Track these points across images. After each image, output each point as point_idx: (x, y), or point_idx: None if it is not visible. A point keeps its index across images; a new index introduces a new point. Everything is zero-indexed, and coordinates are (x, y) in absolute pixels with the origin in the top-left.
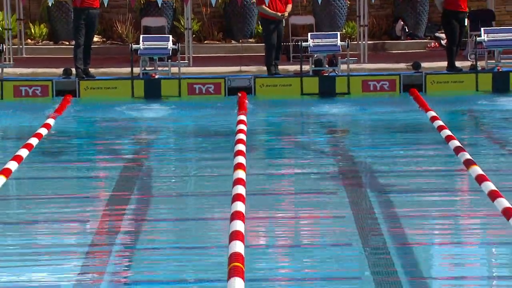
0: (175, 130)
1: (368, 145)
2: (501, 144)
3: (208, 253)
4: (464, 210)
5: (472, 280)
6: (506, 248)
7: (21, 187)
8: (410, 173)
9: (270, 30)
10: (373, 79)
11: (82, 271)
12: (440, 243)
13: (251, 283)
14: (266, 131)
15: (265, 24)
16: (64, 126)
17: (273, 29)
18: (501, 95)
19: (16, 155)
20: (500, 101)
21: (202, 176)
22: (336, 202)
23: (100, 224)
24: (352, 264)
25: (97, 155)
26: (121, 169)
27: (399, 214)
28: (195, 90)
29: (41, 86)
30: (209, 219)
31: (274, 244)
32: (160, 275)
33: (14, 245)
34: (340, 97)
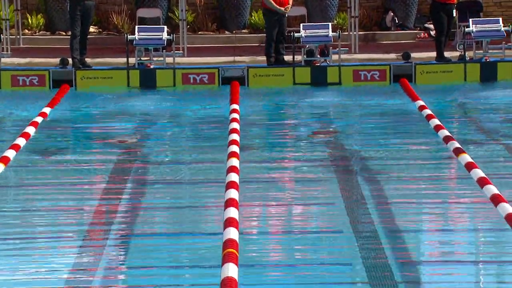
0: (169, 119)
1: (359, 134)
2: (488, 133)
3: (202, 240)
4: (453, 197)
5: (460, 264)
6: (494, 234)
7: (18, 174)
8: (400, 161)
9: (272, 23)
10: (364, 69)
11: (78, 257)
12: (430, 229)
13: (244, 268)
14: (259, 120)
15: (268, 16)
16: (60, 115)
17: (275, 21)
18: (488, 84)
19: (14, 144)
20: (487, 91)
21: (197, 164)
22: (327, 190)
23: (96, 211)
24: (343, 250)
25: (93, 144)
26: (116, 157)
27: (389, 201)
28: (190, 80)
29: (38, 76)
30: (203, 206)
31: (267, 230)
32: (155, 261)
33: (12, 232)
34: (331, 86)
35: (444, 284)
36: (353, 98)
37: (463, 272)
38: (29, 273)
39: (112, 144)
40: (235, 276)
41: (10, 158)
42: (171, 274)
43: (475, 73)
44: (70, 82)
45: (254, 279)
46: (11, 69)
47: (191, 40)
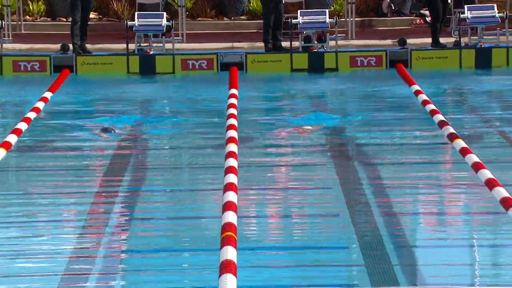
0: (169, 104)
1: (356, 119)
2: (483, 118)
3: (201, 223)
4: (448, 181)
5: (455, 247)
6: (488, 217)
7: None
8: (396, 145)
9: (270, 9)
10: (360, 55)
11: (79, 240)
12: (425, 213)
13: (243, 251)
14: (257, 105)
15: (265, 2)
16: (61, 101)
17: (273, 8)
18: (483, 70)
19: (15, 128)
20: (482, 76)
21: (196, 149)
22: (324, 174)
23: (97, 195)
24: (340, 234)
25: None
26: (116, 143)
27: (385, 185)
28: (189, 65)
29: (39, 62)
30: (202, 190)
31: (265, 214)
32: (155, 244)
33: (14, 215)
34: (328, 72)
35: (439, 267)
36: (349, 84)
37: (458, 255)
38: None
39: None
40: (234, 258)
41: (11, 143)
42: (170, 256)
43: (470, 59)
44: (71, 68)
45: (253, 261)
46: (12, 54)
47: (190, 26)
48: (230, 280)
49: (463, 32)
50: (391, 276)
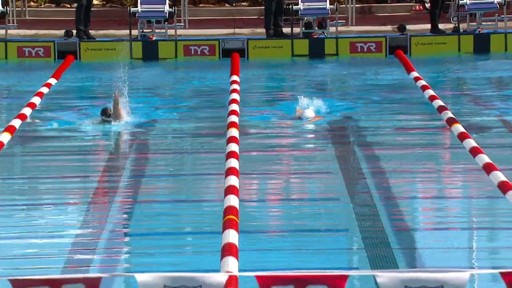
0: (171, 90)
1: (356, 104)
2: (481, 103)
3: (204, 207)
4: (447, 165)
5: (453, 231)
6: (485, 201)
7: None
8: (396, 131)
9: None
10: (360, 41)
11: (83, 223)
12: (424, 197)
13: (244, 234)
14: (258, 91)
15: None
16: (65, 86)
17: None
18: (481, 56)
19: (20, 114)
20: (480, 62)
21: (198, 134)
22: (325, 158)
23: (101, 179)
24: (340, 217)
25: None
26: (120, 128)
27: (385, 169)
28: (191, 51)
29: (43, 47)
30: (205, 174)
31: (266, 198)
32: (158, 227)
33: (19, 198)
34: (329, 58)
35: (438, 250)
36: (349, 69)
37: (456, 238)
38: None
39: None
40: (236, 242)
41: (16, 127)
42: (173, 239)
43: (469, 44)
44: (75, 53)
45: (254, 245)
46: (17, 40)
47: (193, 13)
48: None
49: (461, 18)
50: (390, 259)
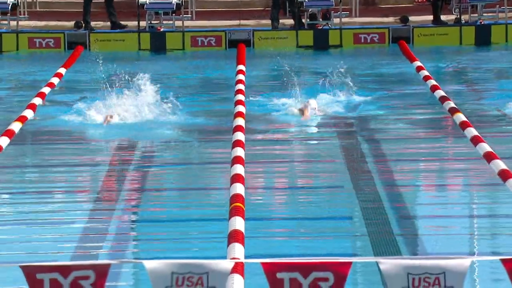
0: (178, 80)
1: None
2: (482, 93)
3: (211, 194)
4: (448, 154)
5: (454, 219)
6: (486, 190)
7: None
8: (398, 120)
9: None
10: (364, 32)
11: (93, 210)
12: (426, 185)
13: (250, 221)
14: (264, 81)
15: None
16: (74, 76)
17: None
18: (483, 47)
19: (30, 103)
20: (482, 53)
21: (205, 123)
22: (329, 148)
23: (110, 167)
24: (344, 205)
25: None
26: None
27: (388, 158)
28: (198, 42)
29: (54, 38)
30: (211, 163)
31: (271, 186)
32: (166, 214)
33: (31, 186)
34: (333, 49)
35: (440, 237)
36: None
37: (457, 226)
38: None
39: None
40: (242, 229)
41: (27, 117)
42: (181, 227)
43: (470, 35)
44: (84, 44)
45: (260, 232)
46: (28, 31)
47: (200, 4)
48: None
49: (463, 10)
50: (393, 245)
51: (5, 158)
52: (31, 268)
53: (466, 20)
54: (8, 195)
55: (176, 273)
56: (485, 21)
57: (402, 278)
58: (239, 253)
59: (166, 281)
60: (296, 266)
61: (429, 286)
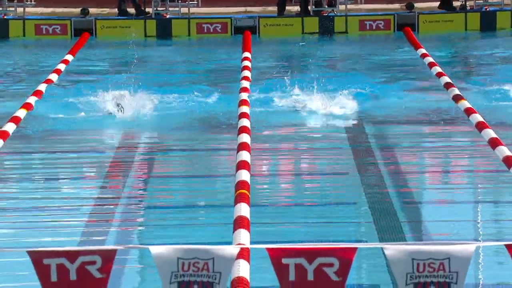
0: (184, 66)
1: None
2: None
3: (216, 181)
4: (453, 140)
5: (459, 204)
6: (491, 175)
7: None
8: (403, 106)
9: None
10: (369, 18)
11: (100, 196)
12: (430, 171)
13: (255, 208)
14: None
15: None
16: (81, 63)
17: None
18: (488, 33)
19: (36, 90)
20: (487, 39)
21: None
22: (334, 134)
23: (116, 154)
24: (349, 191)
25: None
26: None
27: (392, 144)
28: (204, 29)
29: (60, 25)
30: (217, 149)
31: (277, 172)
32: (173, 201)
33: (38, 173)
34: (338, 35)
35: (444, 223)
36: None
37: (462, 211)
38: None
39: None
40: (247, 215)
41: (32, 105)
42: (187, 213)
43: (475, 22)
44: (91, 31)
45: (265, 218)
46: (35, 18)
47: None
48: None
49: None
50: (398, 232)
51: (12, 145)
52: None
53: (472, 6)
54: (15, 181)
55: (182, 259)
56: (490, 8)
57: (407, 263)
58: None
59: (172, 266)
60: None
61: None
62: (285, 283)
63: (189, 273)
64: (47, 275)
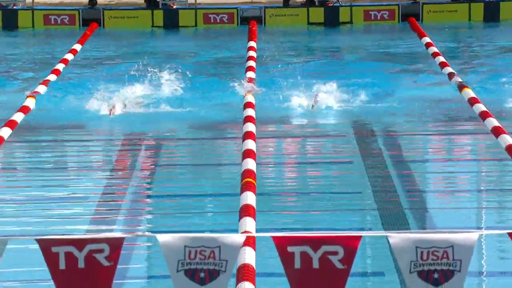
0: (191, 56)
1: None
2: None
3: (223, 170)
4: (456, 129)
5: (462, 193)
6: (494, 164)
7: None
8: (407, 96)
9: None
10: (374, 9)
11: (108, 185)
12: (434, 160)
13: (261, 196)
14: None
15: None
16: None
17: None
18: (491, 24)
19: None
20: (490, 29)
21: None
22: (339, 123)
23: (123, 144)
24: (353, 180)
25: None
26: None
27: (396, 133)
28: (210, 19)
29: (68, 15)
30: (223, 139)
31: (282, 161)
32: (180, 189)
33: (47, 161)
34: (343, 25)
35: (448, 211)
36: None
37: (465, 200)
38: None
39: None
40: (253, 203)
41: (41, 93)
42: (193, 201)
43: (479, 12)
44: (99, 21)
45: (271, 206)
46: (43, 8)
47: None
48: (249, 223)
49: None
50: (402, 220)
51: (20, 134)
52: (47, 242)
53: None
54: (24, 171)
55: (189, 247)
56: None
57: (411, 251)
58: (251, 227)
59: (179, 254)
60: (307, 240)
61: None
62: (291, 271)
63: (196, 261)
64: (55, 263)
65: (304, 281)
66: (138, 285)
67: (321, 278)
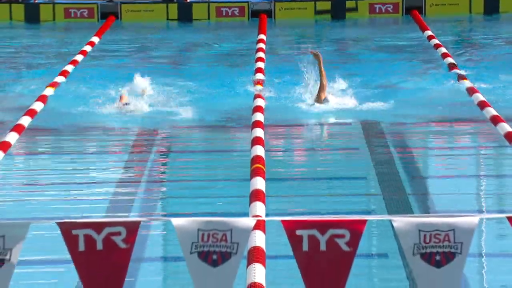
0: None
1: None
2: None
3: (233, 156)
4: (457, 117)
5: (464, 178)
6: (493, 150)
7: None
8: (410, 86)
9: None
10: (378, 2)
11: (124, 170)
12: (436, 147)
13: (270, 181)
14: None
15: None
16: (106, 45)
17: None
18: (492, 16)
19: (63, 70)
20: (490, 22)
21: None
22: (345, 112)
23: (139, 132)
24: (359, 166)
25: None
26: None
27: (400, 121)
28: (222, 12)
29: (87, 9)
30: (233, 126)
31: (290, 148)
32: (192, 176)
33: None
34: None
35: (450, 196)
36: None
37: (466, 185)
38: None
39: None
40: (263, 188)
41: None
42: (205, 187)
43: (479, 5)
44: (116, 14)
45: (280, 191)
46: (64, 2)
47: None
48: (259, 207)
49: None
50: (406, 204)
51: (40, 122)
52: (67, 225)
53: None
54: (44, 157)
55: (202, 230)
56: None
57: (414, 234)
58: (261, 211)
59: (192, 237)
60: (314, 224)
61: (439, 242)
62: (299, 253)
63: (209, 243)
64: (75, 245)
65: (312, 263)
66: (153, 267)
67: (328, 260)
